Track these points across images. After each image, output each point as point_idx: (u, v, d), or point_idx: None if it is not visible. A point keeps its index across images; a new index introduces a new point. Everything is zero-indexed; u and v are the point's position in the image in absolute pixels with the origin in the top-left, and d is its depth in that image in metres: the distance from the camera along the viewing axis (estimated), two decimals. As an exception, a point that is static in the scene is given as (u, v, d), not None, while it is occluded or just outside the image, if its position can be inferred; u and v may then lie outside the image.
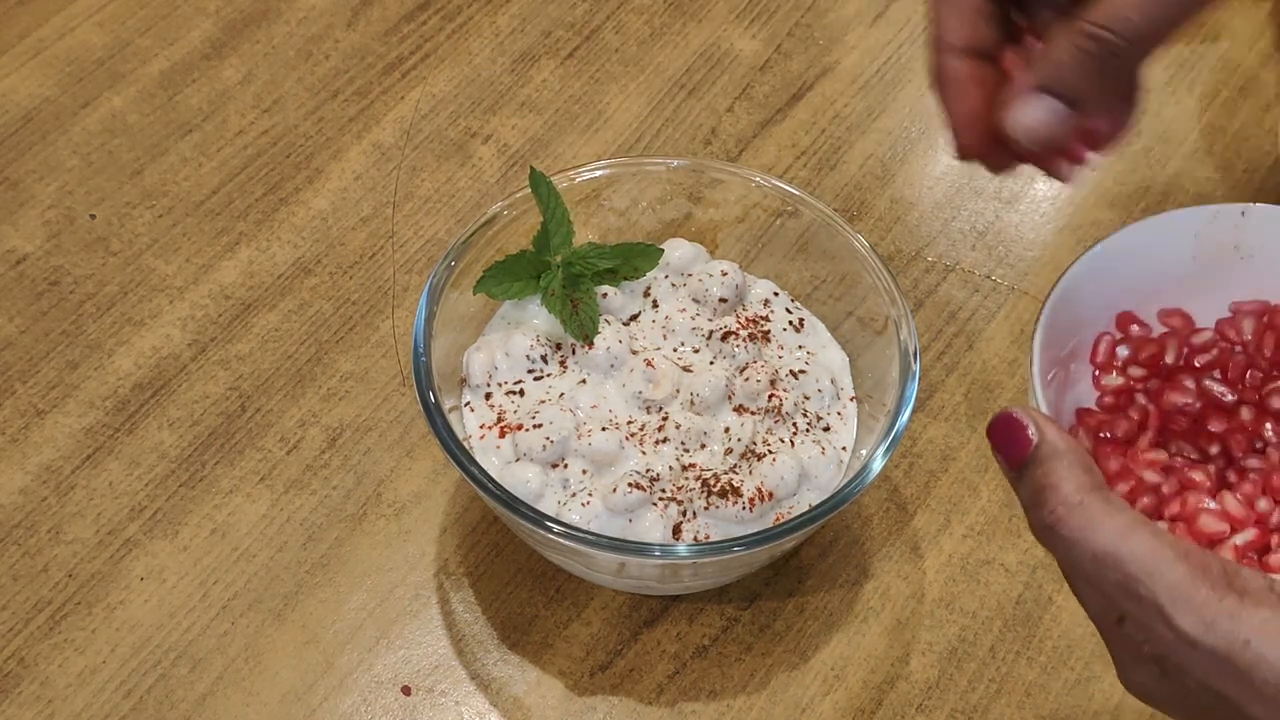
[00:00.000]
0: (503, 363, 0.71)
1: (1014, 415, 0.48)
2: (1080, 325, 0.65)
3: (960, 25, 0.46)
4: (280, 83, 0.91)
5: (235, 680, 0.69)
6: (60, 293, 0.82)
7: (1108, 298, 0.66)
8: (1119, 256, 0.64)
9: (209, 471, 0.75)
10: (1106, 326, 0.67)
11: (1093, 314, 0.66)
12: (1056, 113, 0.45)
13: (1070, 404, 0.65)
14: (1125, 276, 0.65)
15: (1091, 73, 0.44)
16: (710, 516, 0.66)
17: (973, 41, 0.46)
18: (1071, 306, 0.63)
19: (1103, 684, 0.70)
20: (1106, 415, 0.65)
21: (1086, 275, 0.63)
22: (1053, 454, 0.47)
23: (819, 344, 0.74)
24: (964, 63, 0.46)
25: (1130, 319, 0.67)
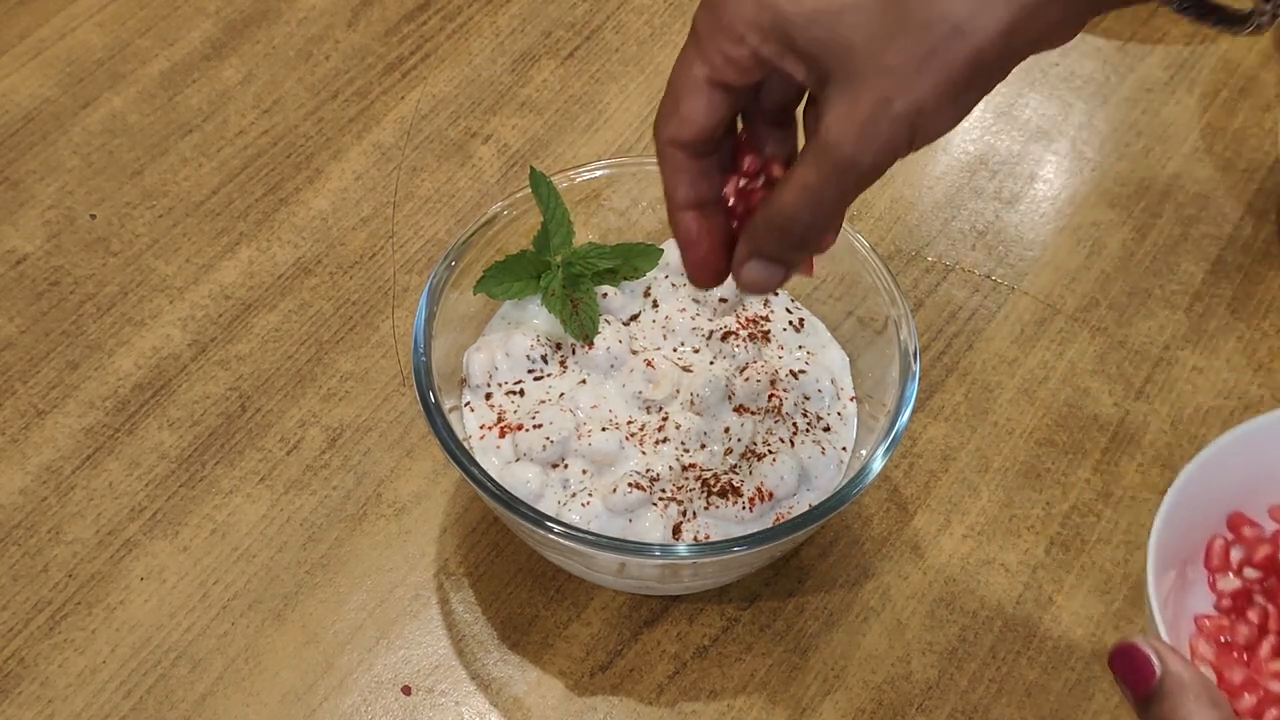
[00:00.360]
0: (503, 363, 0.71)
1: (1136, 646, 0.49)
2: (1193, 528, 0.66)
3: (685, 188, 0.53)
4: (280, 83, 0.92)
5: (235, 680, 0.69)
6: (60, 293, 0.82)
7: (1218, 499, 0.67)
8: (1227, 458, 0.65)
9: (209, 471, 0.75)
10: (1218, 528, 0.68)
11: (1204, 517, 0.67)
12: (767, 268, 0.54)
13: (1189, 610, 0.66)
14: (1234, 477, 0.66)
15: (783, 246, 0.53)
16: (710, 516, 0.66)
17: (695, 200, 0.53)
18: (1183, 512, 0.64)
19: (1103, 684, 0.70)
20: (1226, 620, 0.66)
21: (1197, 480, 0.64)
22: (1178, 687, 0.48)
23: (819, 344, 0.74)
24: (692, 216, 0.54)
25: (1241, 519, 0.68)
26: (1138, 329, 0.82)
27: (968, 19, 0.47)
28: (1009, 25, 0.47)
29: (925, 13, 0.47)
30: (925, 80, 0.48)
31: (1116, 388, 0.80)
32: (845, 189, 0.51)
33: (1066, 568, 0.73)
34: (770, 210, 0.52)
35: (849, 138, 0.49)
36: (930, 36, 0.48)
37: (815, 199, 0.51)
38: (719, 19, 0.50)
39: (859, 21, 0.48)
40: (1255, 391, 0.80)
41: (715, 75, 0.51)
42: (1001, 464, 0.77)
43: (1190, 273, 0.84)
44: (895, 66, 0.48)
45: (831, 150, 0.50)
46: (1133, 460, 0.77)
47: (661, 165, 0.54)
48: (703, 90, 0.52)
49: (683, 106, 0.52)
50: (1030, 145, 0.90)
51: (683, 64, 0.52)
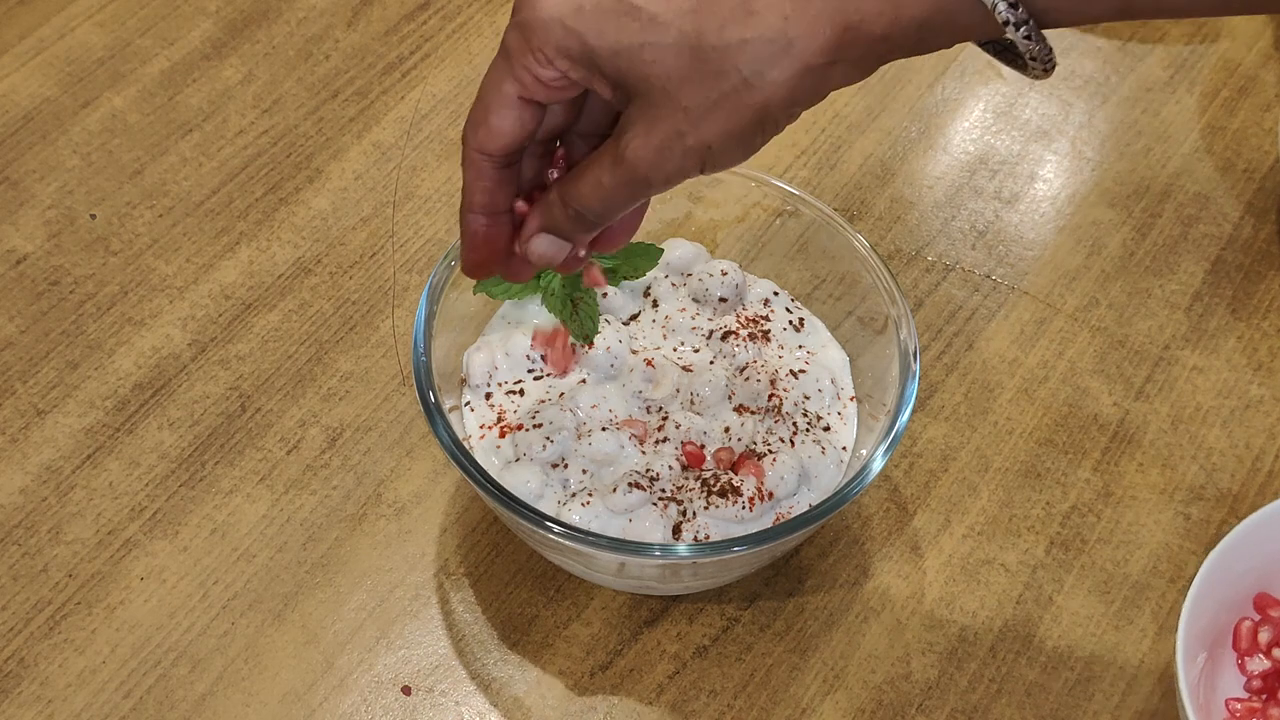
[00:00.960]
0: (503, 362, 0.71)
1: None
2: (1220, 611, 0.68)
3: (482, 194, 0.57)
4: (280, 83, 0.91)
5: (235, 680, 0.69)
6: (60, 293, 0.82)
7: (1244, 581, 0.68)
8: (1252, 541, 0.67)
9: (209, 471, 0.75)
10: (1246, 610, 0.69)
11: (1231, 599, 0.68)
12: (557, 244, 0.58)
13: (1220, 693, 0.67)
14: (1259, 559, 0.68)
15: (570, 226, 0.57)
16: (710, 516, 0.66)
17: (489, 206, 0.57)
18: (1210, 595, 0.65)
19: (1103, 684, 0.70)
20: (1257, 702, 0.67)
21: (1223, 563, 0.66)
22: None
23: (819, 344, 0.74)
24: (483, 221, 0.58)
25: (1268, 600, 0.69)
26: (1138, 329, 0.82)
27: (755, 75, 0.51)
28: (794, 85, 0.51)
29: (718, 62, 0.51)
30: (714, 122, 0.52)
31: (1116, 388, 0.80)
32: (634, 196, 0.55)
33: (1066, 568, 0.73)
34: (565, 194, 0.56)
35: (645, 158, 0.53)
36: (721, 85, 0.51)
37: (607, 198, 0.55)
38: (529, 40, 0.53)
39: (656, 59, 0.51)
40: (1255, 391, 0.80)
41: (525, 92, 0.54)
42: (1001, 464, 0.77)
43: (1190, 273, 0.84)
44: (690, 106, 0.52)
45: (629, 164, 0.53)
46: (1133, 460, 0.77)
47: (465, 169, 0.57)
48: (513, 105, 0.55)
49: (492, 119, 0.55)
50: (1030, 145, 0.90)
51: (493, 79, 0.55)
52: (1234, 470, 0.77)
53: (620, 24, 0.51)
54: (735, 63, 0.51)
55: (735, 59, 0.51)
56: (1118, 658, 0.70)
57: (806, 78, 0.51)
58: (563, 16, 0.52)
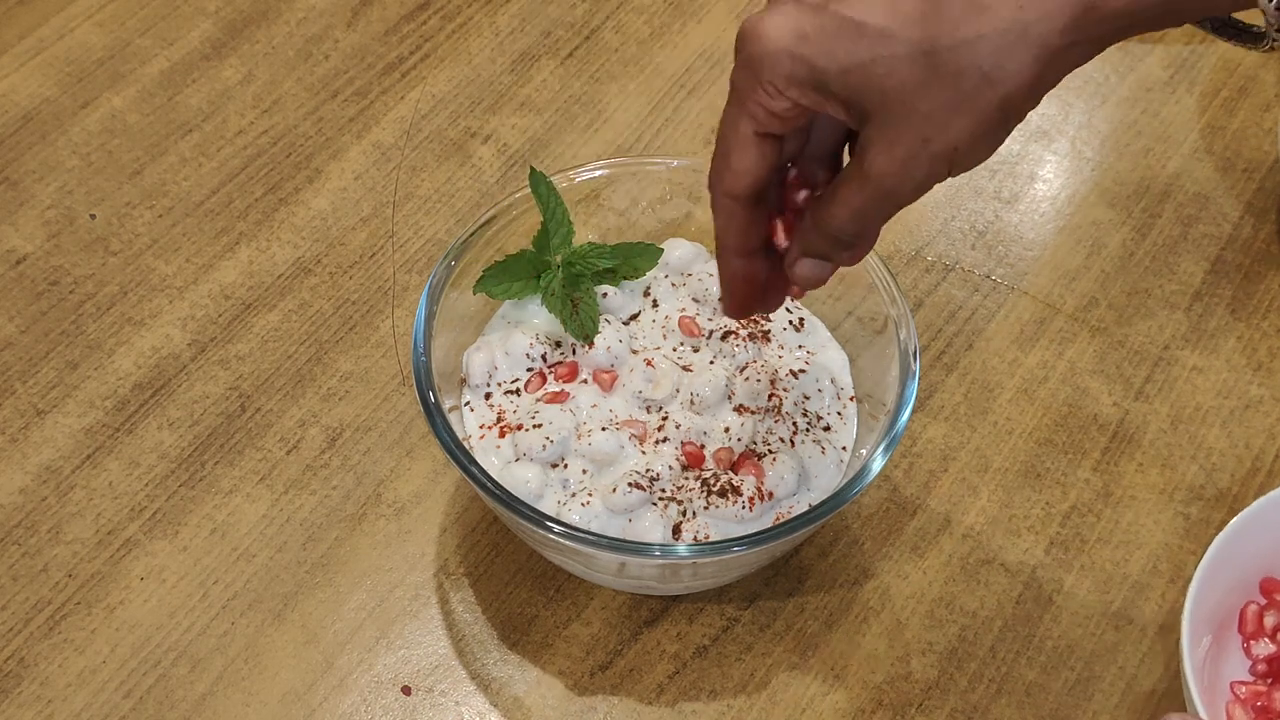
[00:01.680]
0: (503, 362, 0.71)
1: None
2: (1226, 595, 0.68)
3: (737, 235, 0.58)
4: (280, 83, 0.91)
5: (235, 680, 0.69)
6: (60, 293, 0.82)
7: (1250, 565, 0.69)
8: (1258, 524, 0.67)
9: (209, 471, 0.75)
10: (1252, 594, 0.69)
11: (1237, 583, 0.68)
12: (820, 265, 0.58)
13: (1224, 677, 0.67)
14: (1265, 543, 0.68)
15: (830, 249, 0.57)
16: (710, 516, 0.66)
17: (745, 248, 0.58)
18: (1216, 579, 0.66)
19: (1103, 684, 0.70)
20: (1262, 685, 0.67)
21: (1229, 547, 0.66)
22: None
23: (819, 344, 0.74)
24: (741, 262, 0.59)
25: (1274, 584, 0.69)
26: (1138, 329, 0.82)
27: (995, 68, 0.50)
28: (1035, 72, 0.50)
29: (954, 63, 0.50)
30: (959, 123, 0.51)
31: (1116, 388, 0.80)
32: (886, 211, 0.55)
33: (1066, 568, 0.73)
34: (819, 220, 0.56)
35: (891, 172, 0.53)
36: (961, 85, 0.50)
37: (859, 217, 0.55)
38: (758, 75, 0.53)
39: (890, 71, 0.51)
40: (1255, 391, 0.80)
41: (761, 128, 0.54)
42: (1001, 464, 0.77)
43: (1190, 273, 0.84)
44: (930, 112, 0.51)
45: (875, 180, 0.53)
46: (1132, 460, 0.77)
47: (716, 215, 0.58)
48: (751, 143, 0.55)
49: (734, 161, 0.55)
50: (1030, 145, 0.90)
51: (729, 121, 0.55)
52: (1234, 470, 0.77)
53: (848, 43, 0.51)
54: (973, 60, 0.50)
55: (972, 56, 0.50)
56: (1118, 658, 0.70)
57: (1046, 62, 0.50)
58: (788, 46, 0.52)
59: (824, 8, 0.52)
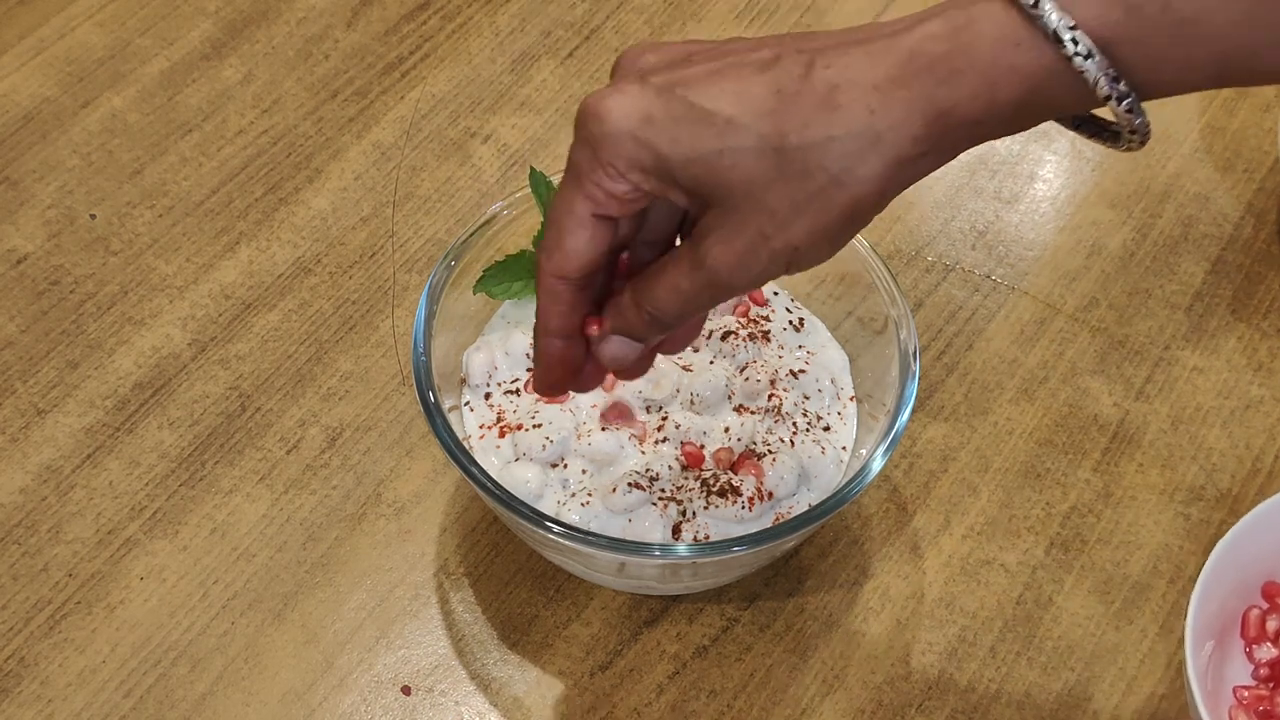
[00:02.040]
0: (502, 362, 0.71)
1: None
2: (1229, 599, 0.68)
3: (559, 318, 0.56)
4: (280, 83, 0.92)
5: (235, 680, 0.69)
6: (60, 292, 0.82)
7: (1252, 569, 0.69)
8: (1261, 529, 0.67)
9: (209, 471, 0.75)
10: (1254, 598, 0.69)
11: (1239, 587, 0.68)
12: (629, 345, 0.56)
13: (1227, 681, 0.67)
14: (1267, 547, 0.68)
15: (645, 329, 0.55)
16: (710, 516, 0.66)
17: (566, 330, 0.56)
18: (1219, 584, 0.65)
19: (1103, 684, 0.70)
20: (1265, 690, 0.67)
21: (1231, 551, 0.66)
22: None
23: (819, 344, 0.74)
24: (560, 344, 0.57)
25: (1276, 588, 0.69)
26: (1138, 329, 0.82)
27: (844, 171, 0.49)
28: (885, 179, 0.49)
29: (802, 162, 0.49)
30: (802, 222, 0.50)
31: (1116, 388, 0.80)
32: (715, 299, 0.54)
33: (1066, 568, 0.73)
34: (640, 297, 0.55)
35: (727, 263, 0.51)
36: (808, 185, 0.49)
37: (683, 300, 0.54)
38: (598, 155, 0.51)
39: (735, 164, 0.50)
40: (1255, 391, 0.80)
41: (598, 209, 0.53)
42: (1001, 464, 0.77)
43: (1190, 273, 0.84)
44: (774, 209, 0.50)
45: (709, 269, 0.52)
46: (1133, 460, 0.77)
47: (540, 294, 0.56)
48: (586, 225, 0.53)
49: (566, 241, 0.53)
50: (1030, 145, 0.90)
51: (564, 200, 0.53)
52: (1234, 470, 0.77)
53: (694, 132, 0.50)
54: (821, 161, 0.49)
55: (821, 157, 0.49)
56: (1118, 658, 0.70)
57: (897, 170, 0.49)
58: (632, 129, 0.50)
59: (670, 91, 0.50)
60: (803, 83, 0.49)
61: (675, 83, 0.50)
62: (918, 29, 0.50)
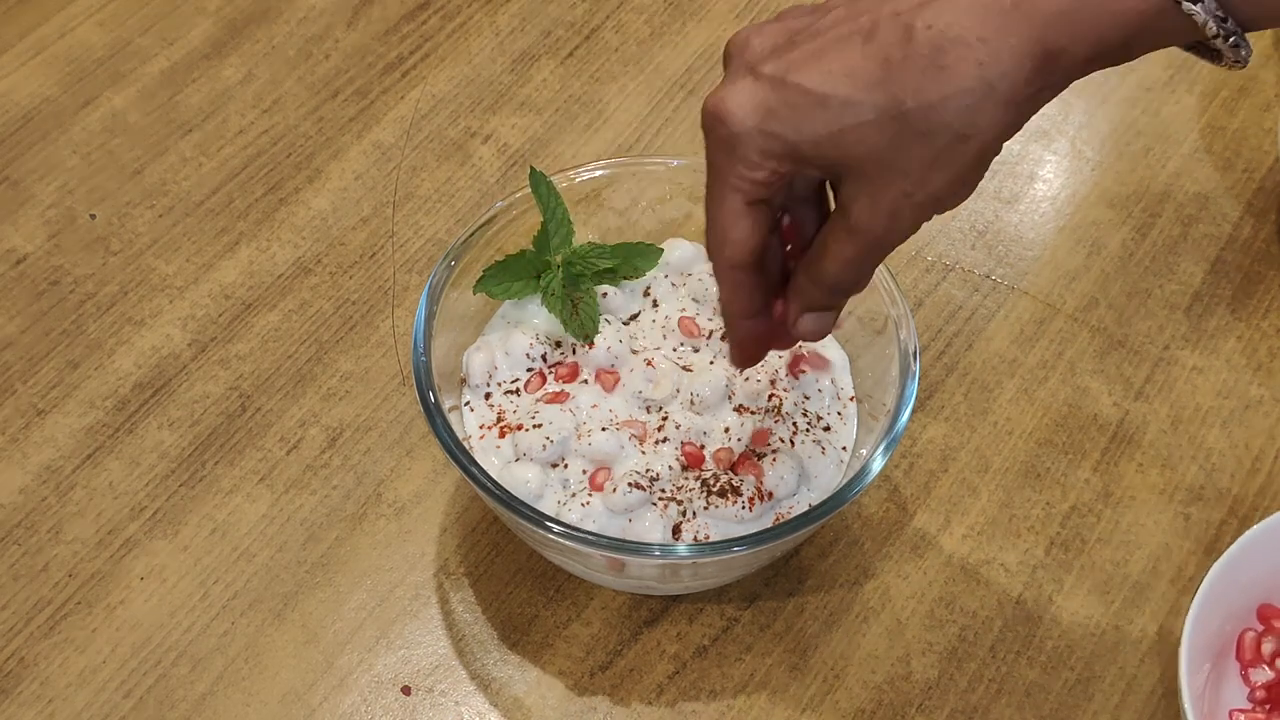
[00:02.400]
0: (502, 362, 0.71)
1: None
2: (1224, 622, 0.68)
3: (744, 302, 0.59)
4: (280, 82, 0.92)
5: (235, 680, 0.69)
6: (60, 292, 0.82)
7: (1247, 592, 0.68)
8: (1255, 551, 0.67)
9: (209, 471, 0.75)
10: (1249, 621, 0.69)
11: (1235, 610, 0.68)
12: (822, 318, 0.60)
13: (1224, 705, 0.68)
14: (1262, 569, 0.68)
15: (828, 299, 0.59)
16: (710, 516, 0.66)
17: (751, 310, 0.59)
18: (1214, 607, 0.66)
19: (1103, 684, 0.70)
20: (1260, 713, 0.67)
21: (1226, 574, 0.66)
22: None
23: (819, 344, 0.74)
24: (749, 324, 0.60)
25: (1271, 611, 0.69)
26: (1138, 329, 0.82)
27: (967, 125, 0.51)
28: (1004, 120, 0.52)
29: (925, 123, 0.51)
30: (939, 176, 0.52)
31: (1116, 388, 0.80)
32: (878, 257, 0.56)
33: (1066, 568, 0.73)
34: (813, 275, 0.58)
35: (878, 224, 0.54)
36: (936, 143, 0.52)
37: (852, 266, 0.56)
38: (733, 152, 0.54)
39: (861, 138, 0.52)
40: (1255, 391, 0.80)
41: (748, 198, 0.55)
42: (1001, 464, 0.77)
43: (1190, 273, 0.84)
44: (908, 169, 0.52)
45: (863, 232, 0.54)
46: (1132, 460, 0.77)
47: (721, 286, 0.59)
48: (744, 214, 0.56)
49: (732, 234, 0.56)
50: (1030, 145, 0.90)
51: (715, 199, 0.56)
52: (1234, 471, 0.77)
53: (814, 116, 0.52)
54: (943, 119, 0.51)
55: (941, 116, 0.51)
56: (1118, 658, 0.70)
57: (1015, 112, 0.51)
58: (757, 124, 0.53)
59: (783, 82, 0.52)
60: (906, 48, 0.51)
61: (786, 70, 0.53)
62: None
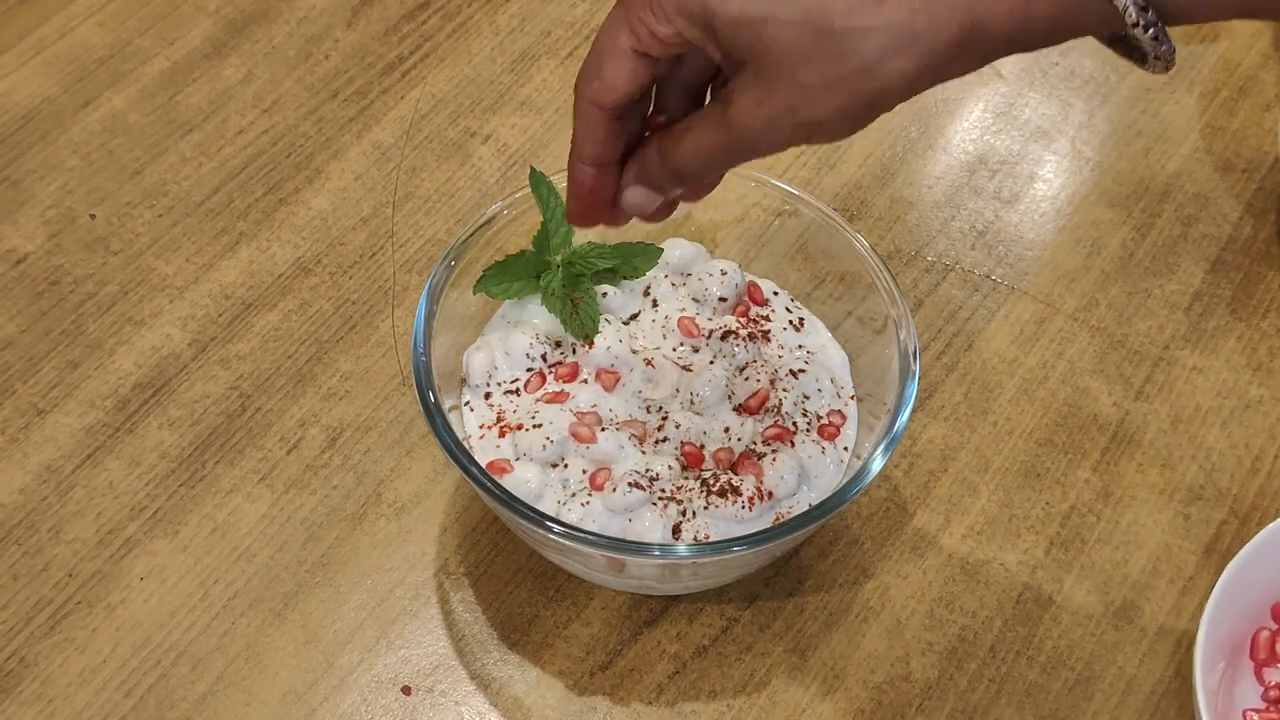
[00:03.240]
0: (502, 362, 0.71)
1: None
2: (1239, 621, 0.68)
3: (593, 145, 0.58)
4: (280, 82, 0.92)
5: (235, 680, 0.69)
6: (61, 292, 0.82)
7: (1262, 591, 0.68)
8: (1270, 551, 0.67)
9: (209, 471, 0.75)
10: (1263, 620, 0.69)
11: (1249, 609, 0.68)
12: (650, 196, 0.59)
13: (1237, 704, 0.68)
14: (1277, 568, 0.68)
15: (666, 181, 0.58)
16: (710, 516, 0.66)
17: (599, 158, 0.59)
18: (1229, 606, 0.66)
19: (1103, 684, 0.70)
20: (1274, 713, 0.67)
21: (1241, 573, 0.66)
22: None
23: (819, 344, 0.74)
24: (592, 172, 0.59)
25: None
26: (1137, 329, 0.82)
27: (877, 63, 0.51)
28: (913, 74, 0.52)
29: (841, 45, 0.51)
30: (830, 101, 0.52)
31: (1116, 388, 0.80)
32: (734, 160, 0.56)
33: (1066, 568, 0.73)
34: (664, 151, 0.57)
35: (752, 128, 0.54)
36: (841, 67, 0.52)
37: (706, 159, 0.56)
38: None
39: (777, 35, 0.52)
40: (1255, 391, 0.80)
41: (639, 46, 0.55)
42: (1001, 464, 0.77)
43: (1190, 273, 0.84)
44: (806, 84, 0.52)
45: (734, 129, 0.54)
46: (1132, 460, 0.77)
47: (576, 120, 0.58)
48: (627, 58, 0.56)
49: (606, 71, 0.56)
50: (1030, 145, 0.90)
51: (610, 30, 0.56)
52: (1234, 470, 0.77)
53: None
54: (858, 48, 0.51)
55: (859, 44, 0.51)
56: (1118, 658, 0.71)
57: (927, 69, 0.52)
58: None
59: None
60: None
61: None
62: None
